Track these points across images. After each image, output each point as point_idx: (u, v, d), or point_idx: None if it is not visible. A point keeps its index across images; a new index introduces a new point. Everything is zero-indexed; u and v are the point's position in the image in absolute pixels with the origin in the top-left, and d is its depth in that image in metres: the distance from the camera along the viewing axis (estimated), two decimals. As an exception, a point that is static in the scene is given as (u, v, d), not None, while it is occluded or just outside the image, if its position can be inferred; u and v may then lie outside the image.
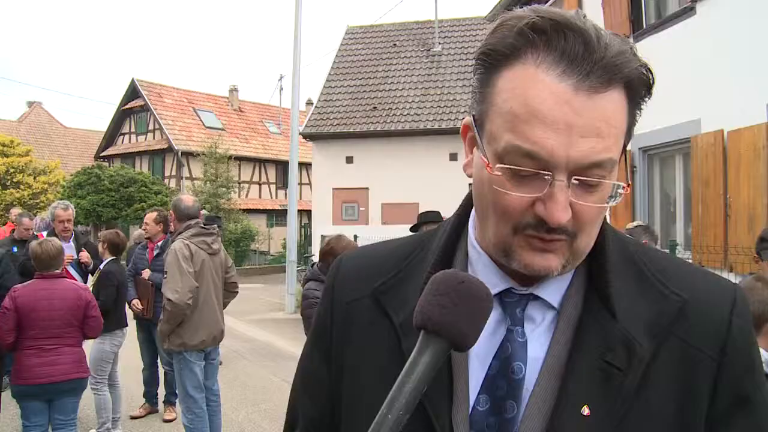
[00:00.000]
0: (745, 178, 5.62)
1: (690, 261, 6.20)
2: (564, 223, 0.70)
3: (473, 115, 0.77)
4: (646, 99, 0.73)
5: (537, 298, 0.79)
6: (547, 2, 10.07)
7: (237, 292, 4.99)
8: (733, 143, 5.74)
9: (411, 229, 6.27)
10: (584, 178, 0.69)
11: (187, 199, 4.69)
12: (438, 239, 0.87)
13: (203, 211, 4.93)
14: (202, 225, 4.54)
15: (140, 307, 5.60)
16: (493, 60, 0.72)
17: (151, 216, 5.80)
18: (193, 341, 4.40)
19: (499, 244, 0.76)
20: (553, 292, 0.79)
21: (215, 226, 4.84)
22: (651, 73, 0.72)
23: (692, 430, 0.74)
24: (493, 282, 0.79)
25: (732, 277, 5.41)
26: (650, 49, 7.15)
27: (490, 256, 0.80)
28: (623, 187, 0.71)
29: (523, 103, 0.69)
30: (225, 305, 4.86)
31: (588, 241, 0.75)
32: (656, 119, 6.90)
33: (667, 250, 6.00)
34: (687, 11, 6.51)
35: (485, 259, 0.81)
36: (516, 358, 0.76)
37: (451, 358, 0.77)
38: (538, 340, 0.78)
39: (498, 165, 0.71)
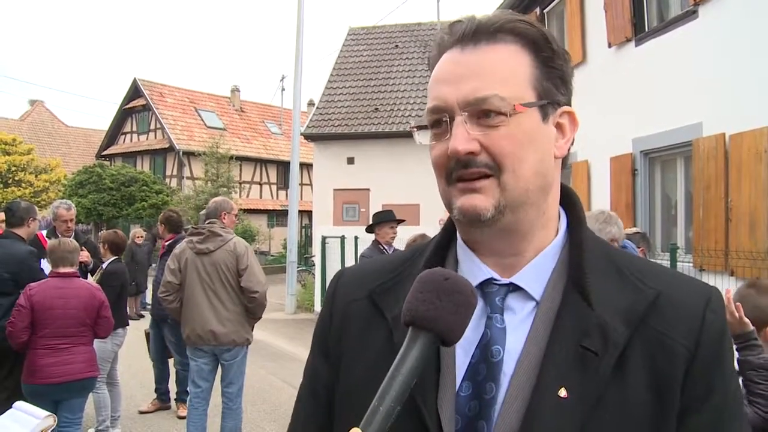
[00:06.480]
0: (746, 181, 5.61)
1: (690, 264, 6.20)
2: (466, 152, 0.78)
3: None
4: (550, 52, 0.83)
5: (517, 289, 0.84)
6: (548, 5, 10.06)
7: (254, 297, 4.52)
8: (735, 147, 5.73)
9: (366, 230, 6.27)
10: (473, 108, 0.79)
11: (211, 201, 4.97)
12: (430, 245, 0.94)
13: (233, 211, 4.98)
14: (194, 225, 4.68)
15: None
16: (432, 65, 0.87)
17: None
18: (183, 335, 4.62)
19: (445, 202, 0.85)
20: (532, 282, 0.84)
21: (206, 225, 4.67)
22: (534, 25, 0.83)
23: (667, 415, 0.76)
24: (475, 273, 0.85)
25: (733, 281, 5.41)
26: (652, 52, 7.16)
27: (470, 247, 0.88)
28: (514, 106, 0.78)
29: (431, 77, 0.85)
30: (251, 312, 4.63)
31: (516, 180, 0.80)
32: (658, 122, 6.91)
33: (668, 254, 5.99)
34: (689, 14, 6.50)
35: (469, 254, 0.88)
36: (494, 342, 0.80)
37: (440, 351, 0.81)
38: (518, 328, 0.82)
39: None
